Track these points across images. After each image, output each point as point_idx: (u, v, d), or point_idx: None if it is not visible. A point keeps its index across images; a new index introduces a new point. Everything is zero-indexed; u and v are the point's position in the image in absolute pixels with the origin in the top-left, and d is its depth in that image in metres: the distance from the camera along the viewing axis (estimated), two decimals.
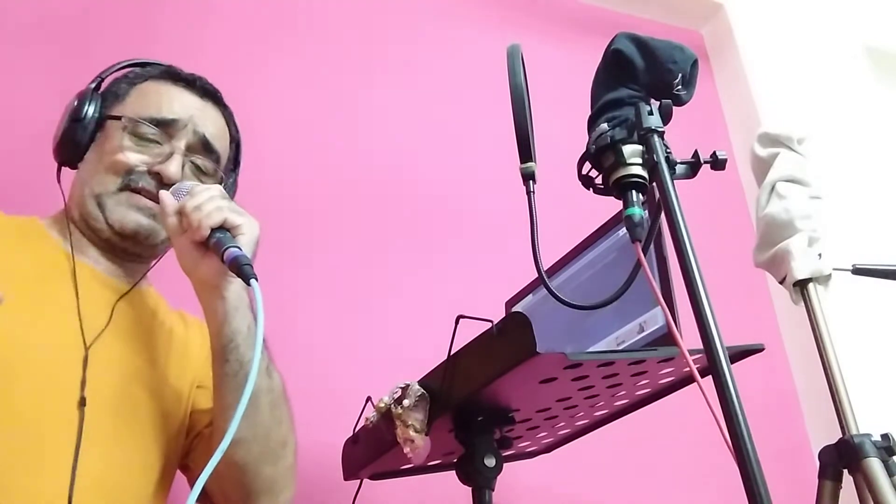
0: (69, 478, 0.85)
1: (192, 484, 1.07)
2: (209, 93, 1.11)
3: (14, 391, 0.86)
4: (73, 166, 1.07)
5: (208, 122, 1.09)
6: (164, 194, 0.95)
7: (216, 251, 0.88)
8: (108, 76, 1.10)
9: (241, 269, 0.85)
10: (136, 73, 1.11)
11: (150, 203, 1.01)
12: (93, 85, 1.08)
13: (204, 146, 1.07)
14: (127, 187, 1.01)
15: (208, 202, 0.91)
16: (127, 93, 1.08)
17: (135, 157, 1.02)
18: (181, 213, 0.93)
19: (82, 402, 0.88)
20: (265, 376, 0.97)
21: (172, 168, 1.01)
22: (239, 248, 0.87)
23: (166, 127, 1.04)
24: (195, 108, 1.08)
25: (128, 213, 1.00)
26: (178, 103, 1.07)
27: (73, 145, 1.04)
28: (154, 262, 1.11)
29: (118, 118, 1.04)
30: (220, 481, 0.99)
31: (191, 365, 1.07)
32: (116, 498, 0.91)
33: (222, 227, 0.90)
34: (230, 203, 0.93)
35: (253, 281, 0.83)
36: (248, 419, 0.94)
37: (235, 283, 0.93)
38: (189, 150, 1.05)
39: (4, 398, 0.85)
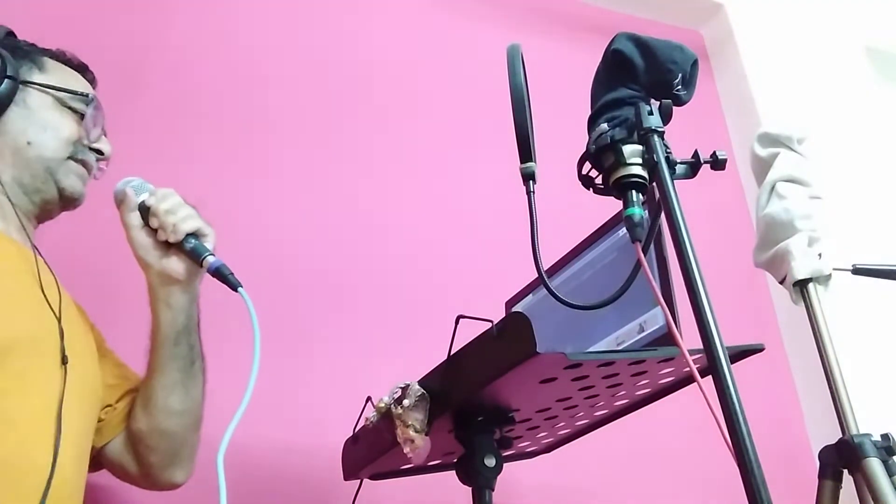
0: (53, 433, 0.89)
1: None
2: (95, 82, 1.16)
3: (5, 362, 0.89)
4: None
5: None
6: (129, 190, 1.03)
7: (191, 255, 1.00)
8: None
9: (228, 278, 0.96)
10: (32, 46, 1.11)
11: (84, 172, 1.08)
12: None
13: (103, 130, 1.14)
14: (72, 157, 1.06)
15: (180, 207, 1.01)
16: (41, 64, 1.08)
17: (77, 129, 1.07)
18: (150, 212, 1.01)
19: (64, 361, 0.94)
20: (202, 357, 1.08)
21: (109, 146, 1.11)
22: (214, 255, 0.99)
23: (95, 105, 1.10)
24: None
25: (77, 181, 1.07)
26: (85, 86, 1.12)
27: None
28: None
29: (72, 92, 1.07)
30: (141, 450, 1.07)
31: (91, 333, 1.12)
32: (84, 458, 1.00)
33: (194, 233, 1.01)
34: (195, 209, 1.03)
35: (241, 289, 0.94)
36: (189, 392, 1.06)
37: (199, 279, 1.05)
38: None
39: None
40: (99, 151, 1.10)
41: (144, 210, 1.02)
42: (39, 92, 1.06)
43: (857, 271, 1.25)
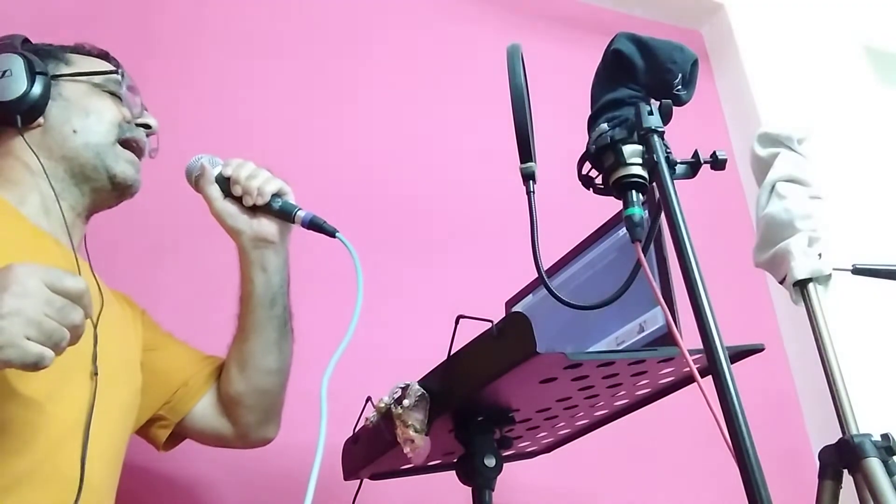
0: (81, 444, 0.89)
1: (161, 441, 1.13)
2: (120, 67, 1.15)
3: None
4: (31, 123, 1.02)
5: None
6: (205, 163, 1.06)
7: (280, 214, 1.05)
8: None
9: (324, 227, 1.01)
10: (50, 45, 1.10)
11: (135, 158, 1.08)
12: (17, 45, 1.05)
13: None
14: (120, 140, 1.06)
15: (259, 171, 1.05)
16: (66, 59, 1.08)
17: (118, 110, 1.07)
18: (230, 181, 1.04)
19: (94, 374, 0.93)
20: (292, 315, 1.12)
21: (154, 120, 1.11)
22: (303, 209, 1.04)
23: (129, 82, 1.10)
24: None
25: (128, 167, 1.06)
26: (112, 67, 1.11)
27: (34, 102, 1.00)
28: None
29: (103, 73, 1.07)
30: (239, 412, 1.12)
31: (136, 329, 1.12)
32: (116, 466, 0.99)
33: (277, 193, 1.05)
34: (270, 171, 1.07)
35: (339, 233, 1.00)
36: (282, 351, 1.11)
37: (289, 237, 1.10)
38: None
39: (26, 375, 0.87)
40: (146, 126, 1.10)
41: (223, 181, 1.06)
42: (72, 82, 1.06)
43: (857, 271, 1.25)
